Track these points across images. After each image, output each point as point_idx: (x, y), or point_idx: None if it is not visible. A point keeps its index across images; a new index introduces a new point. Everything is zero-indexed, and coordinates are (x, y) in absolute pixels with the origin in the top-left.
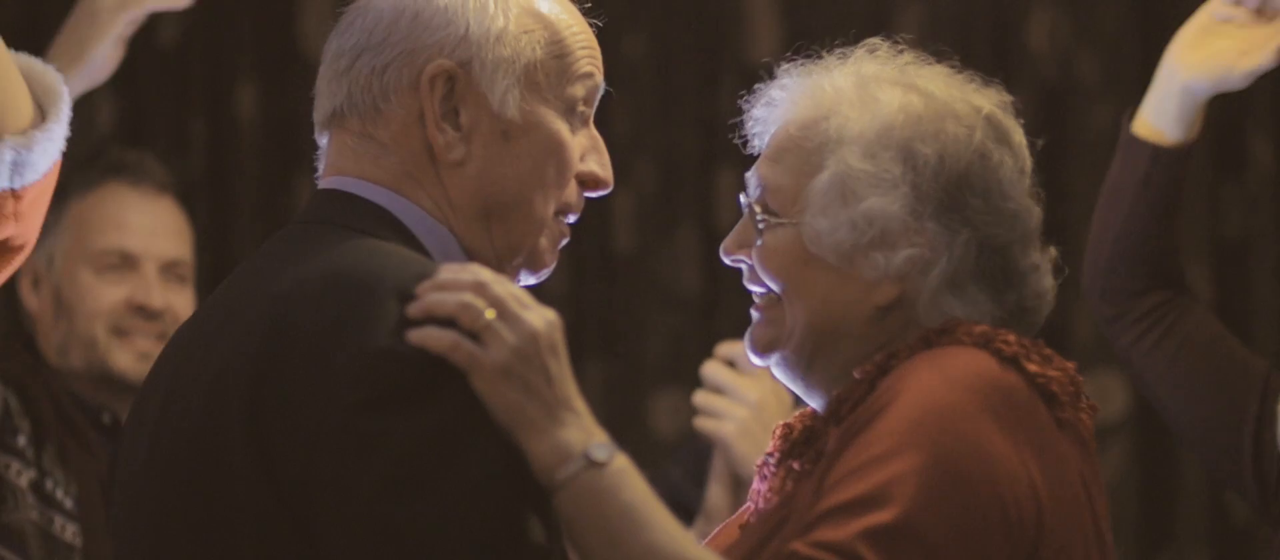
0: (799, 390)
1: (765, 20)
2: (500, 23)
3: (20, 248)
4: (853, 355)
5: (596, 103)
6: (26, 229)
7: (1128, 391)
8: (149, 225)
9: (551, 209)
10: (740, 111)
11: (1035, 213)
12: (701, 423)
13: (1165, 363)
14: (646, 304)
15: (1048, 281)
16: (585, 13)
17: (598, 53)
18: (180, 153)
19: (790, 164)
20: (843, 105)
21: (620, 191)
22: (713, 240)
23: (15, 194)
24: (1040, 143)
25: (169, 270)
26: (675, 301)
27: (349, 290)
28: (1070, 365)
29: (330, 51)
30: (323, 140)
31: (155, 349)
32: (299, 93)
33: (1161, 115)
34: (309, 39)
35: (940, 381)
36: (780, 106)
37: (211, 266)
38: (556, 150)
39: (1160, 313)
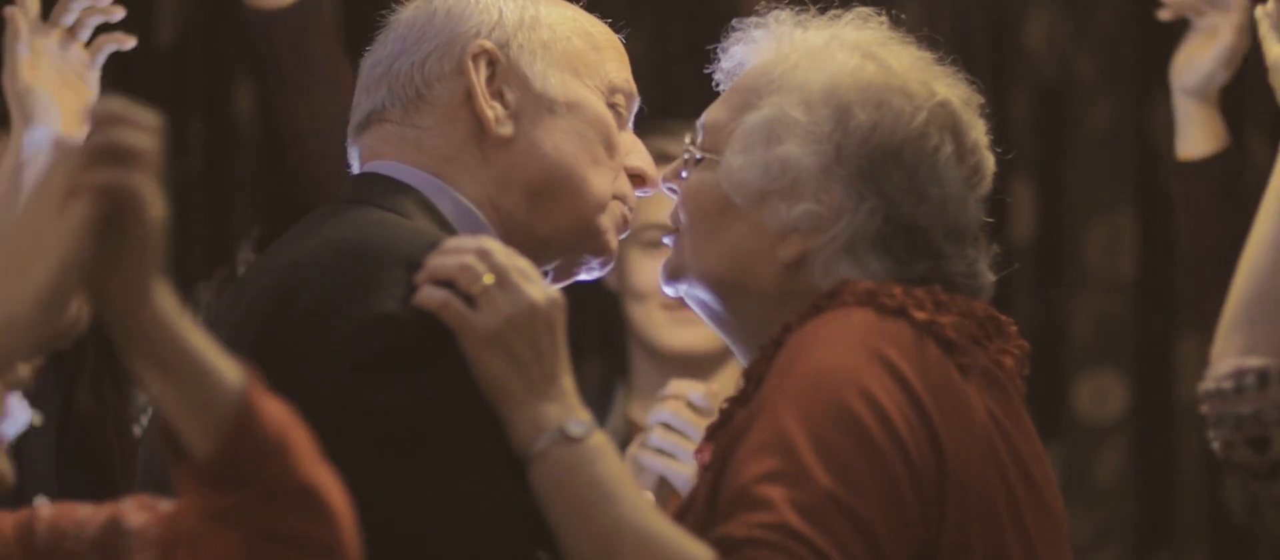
0: (723, 337)
1: None
2: (532, 11)
3: None
4: (768, 314)
5: (633, 112)
6: None
7: (1127, 391)
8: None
9: (607, 186)
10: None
11: (973, 210)
12: (657, 462)
13: None
14: None
15: (982, 268)
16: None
17: (627, 59)
18: (179, 152)
19: (733, 103)
20: (796, 55)
21: None
22: None
23: None
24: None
25: None
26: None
27: (357, 259)
28: (977, 306)
29: (365, 67)
30: (354, 150)
31: None
32: None
33: (1178, 133)
34: None
35: (825, 346)
36: (752, 47)
37: (208, 265)
38: (602, 126)
39: None
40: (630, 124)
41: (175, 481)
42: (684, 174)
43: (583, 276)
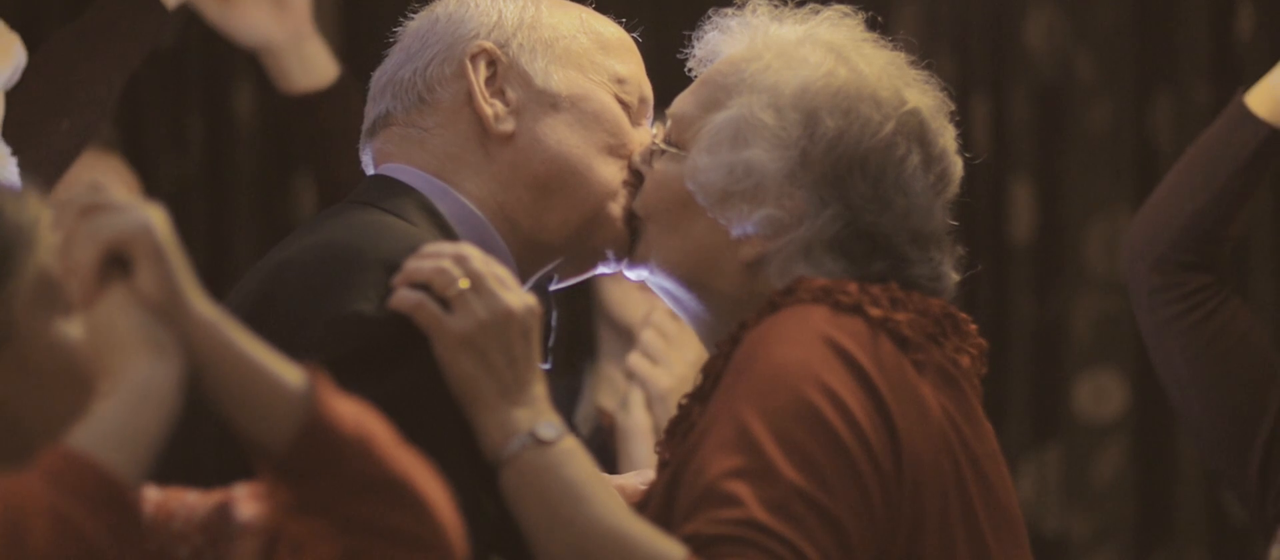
0: (689, 325)
1: None
2: (532, 11)
3: None
4: (730, 311)
5: (649, 111)
6: None
7: (1127, 391)
8: None
9: (616, 176)
10: None
11: (939, 216)
12: (638, 363)
13: (1202, 343)
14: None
15: (946, 271)
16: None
17: (640, 59)
18: (178, 152)
19: (702, 96)
20: (769, 53)
21: None
22: None
23: None
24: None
25: None
26: None
27: (336, 260)
28: (934, 303)
29: (372, 82)
30: (366, 155)
31: None
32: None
33: None
34: None
35: (782, 342)
36: (726, 36)
37: (208, 265)
38: (609, 118)
39: (1207, 294)
40: (650, 121)
41: (258, 479)
42: (649, 165)
43: (602, 269)
